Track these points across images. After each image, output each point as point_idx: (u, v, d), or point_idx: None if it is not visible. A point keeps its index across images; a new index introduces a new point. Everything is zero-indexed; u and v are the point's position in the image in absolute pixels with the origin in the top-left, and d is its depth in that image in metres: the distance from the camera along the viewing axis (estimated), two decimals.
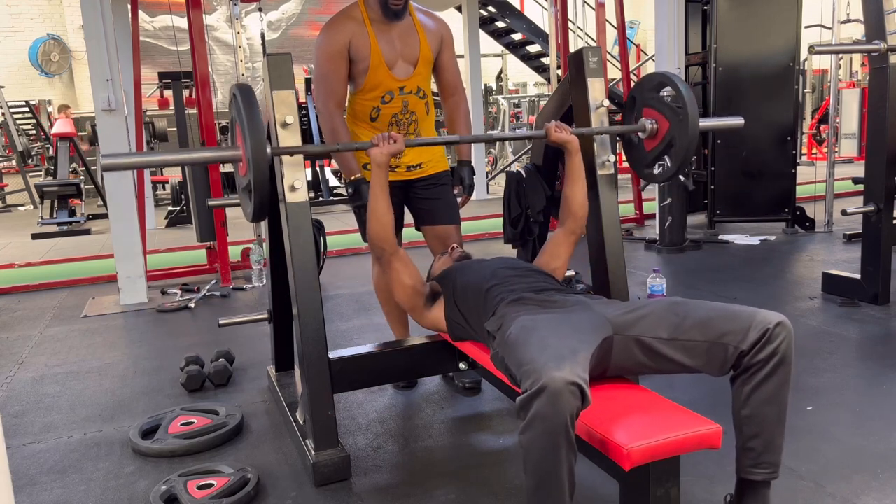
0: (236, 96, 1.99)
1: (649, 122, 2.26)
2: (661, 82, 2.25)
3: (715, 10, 5.24)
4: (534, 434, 1.34)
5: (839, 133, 7.39)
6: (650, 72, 2.33)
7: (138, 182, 4.63)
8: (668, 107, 2.21)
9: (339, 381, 2.21)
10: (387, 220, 2.12)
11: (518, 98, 11.32)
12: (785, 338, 1.50)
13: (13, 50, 12.86)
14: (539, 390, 1.32)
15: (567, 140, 2.18)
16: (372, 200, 2.11)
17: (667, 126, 2.21)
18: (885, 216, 3.39)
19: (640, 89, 2.33)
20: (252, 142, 1.90)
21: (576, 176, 2.21)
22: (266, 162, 1.92)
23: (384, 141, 2.07)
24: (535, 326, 1.59)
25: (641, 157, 2.34)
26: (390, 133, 2.09)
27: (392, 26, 2.43)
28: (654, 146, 2.27)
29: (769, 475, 1.59)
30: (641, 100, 2.31)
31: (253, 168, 1.92)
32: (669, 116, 2.20)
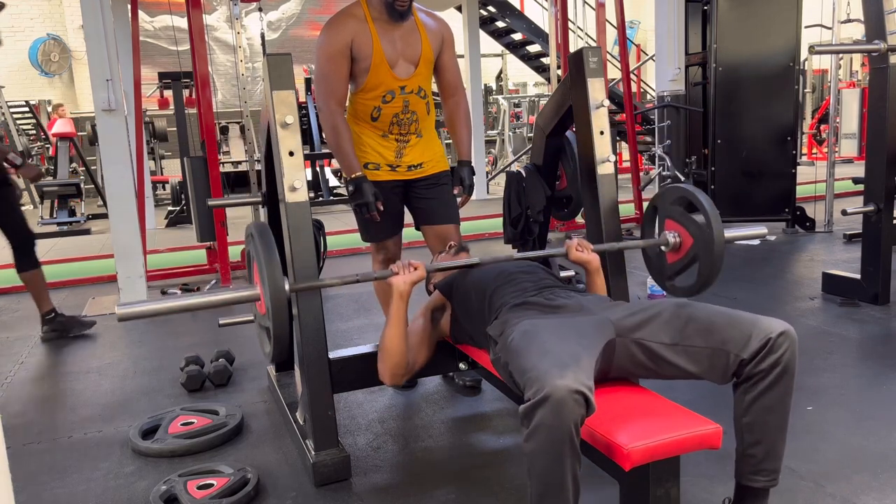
0: (253, 236, 1.91)
1: (672, 235, 2.18)
2: (683, 196, 2.16)
3: (715, 10, 5.24)
4: (538, 443, 1.33)
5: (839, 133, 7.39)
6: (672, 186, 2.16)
7: (138, 182, 4.62)
8: (691, 222, 2.12)
9: (339, 381, 2.21)
10: (403, 349, 2.01)
11: (518, 98, 11.32)
12: (788, 347, 1.49)
13: (13, 50, 12.85)
14: (542, 399, 1.31)
15: (587, 260, 2.09)
16: (388, 329, 2.00)
17: (690, 242, 2.12)
18: (885, 216, 3.39)
19: (661, 201, 2.23)
20: (271, 284, 1.81)
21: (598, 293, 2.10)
22: (285, 307, 1.84)
23: (405, 269, 1.96)
24: (536, 332, 1.58)
25: (663, 270, 2.25)
26: (410, 261, 2.01)
27: (394, 26, 2.42)
28: (677, 260, 2.19)
29: (769, 482, 1.58)
30: (664, 212, 2.23)
31: (273, 313, 1.83)
32: (693, 232, 2.11)
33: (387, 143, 2.54)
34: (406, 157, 2.57)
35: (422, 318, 2.18)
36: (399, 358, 2.01)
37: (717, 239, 2.03)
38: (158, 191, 9.80)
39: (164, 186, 9.93)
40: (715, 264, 2.05)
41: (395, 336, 1.99)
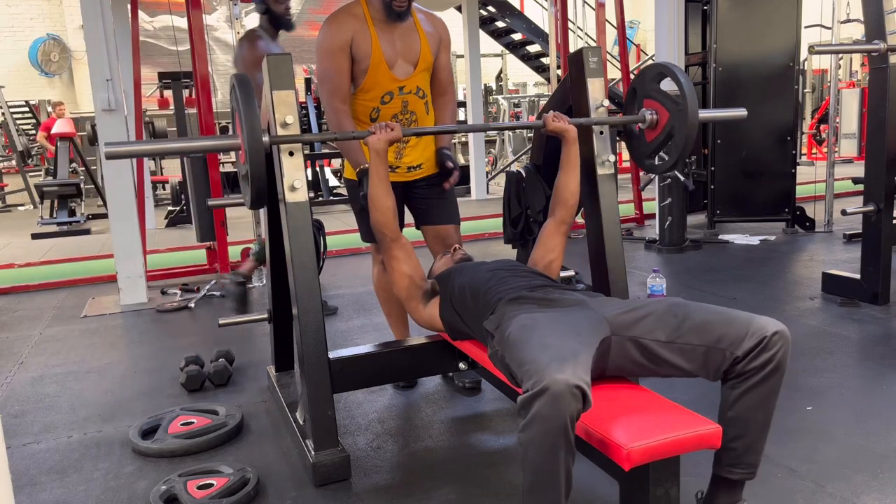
0: (235, 87, 2.02)
1: (649, 112, 2.28)
2: (661, 73, 2.26)
3: (715, 10, 5.24)
4: (533, 434, 1.34)
5: (839, 133, 7.39)
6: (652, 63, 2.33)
7: (138, 182, 4.62)
8: (668, 98, 2.22)
9: (339, 381, 2.21)
10: (387, 204, 2.15)
11: (518, 98, 11.32)
12: (781, 347, 1.50)
13: (13, 50, 12.85)
14: (541, 391, 1.32)
15: (565, 129, 2.20)
16: (371, 187, 2.14)
17: (667, 116, 2.22)
18: (885, 216, 3.39)
19: (640, 80, 2.34)
20: (248, 130, 1.93)
21: (571, 165, 2.23)
22: (262, 150, 1.96)
23: (382, 129, 2.10)
24: (534, 325, 1.59)
25: (642, 148, 2.36)
26: (388, 122, 2.12)
27: (393, 26, 2.42)
28: (655, 137, 2.29)
29: (746, 475, 1.60)
30: (642, 91, 2.32)
31: (250, 156, 1.95)
32: (669, 107, 2.21)
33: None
34: (406, 157, 2.57)
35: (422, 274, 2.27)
36: (384, 213, 2.15)
37: (692, 111, 2.13)
38: (158, 191, 9.81)
39: (164, 186, 9.93)
40: (689, 136, 2.15)
41: (378, 189, 2.13)
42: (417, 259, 2.25)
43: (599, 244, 2.32)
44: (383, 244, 2.21)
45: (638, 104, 2.34)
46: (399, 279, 2.22)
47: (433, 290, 2.23)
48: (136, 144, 2.01)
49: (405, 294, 2.24)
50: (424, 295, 2.23)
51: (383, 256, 2.24)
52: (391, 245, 2.20)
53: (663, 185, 4.99)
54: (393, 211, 2.17)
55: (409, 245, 2.23)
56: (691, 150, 2.22)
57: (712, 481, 1.64)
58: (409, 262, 2.22)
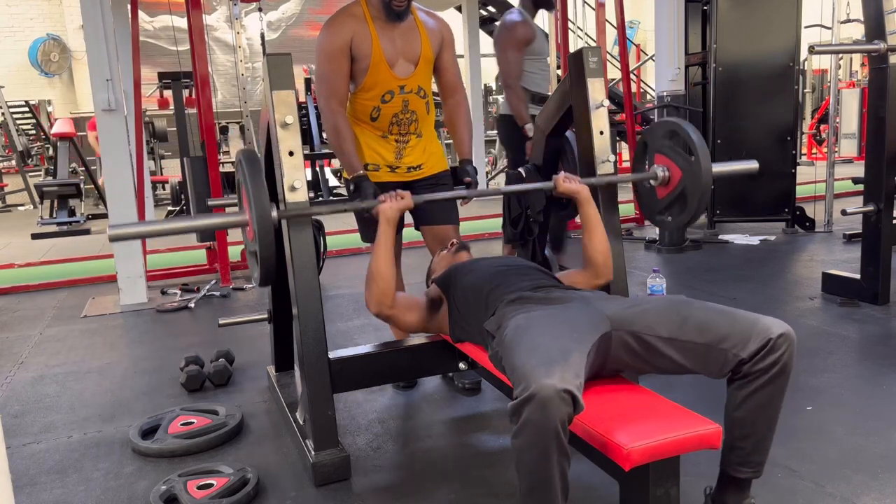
0: (242, 162, 1.96)
1: (661, 169, 2.21)
2: (672, 130, 2.19)
3: (715, 10, 5.24)
4: (525, 440, 1.34)
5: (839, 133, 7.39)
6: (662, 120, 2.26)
7: (138, 182, 4.63)
8: (680, 155, 2.15)
9: (339, 381, 2.21)
10: (388, 275, 2.06)
11: None
12: (787, 349, 1.49)
13: (13, 50, 12.85)
14: (528, 397, 1.31)
15: (576, 190, 2.12)
16: (375, 256, 2.05)
17: (679, 175, 2.15)
18: (885, 216, 3.39)
19: (651, 135, 2.27)
20: (257, 207, 1.87)
21: (592, 224, 2.12)
22: (271, 230, 1.90)
23: (392, 198, 2.05)
24: (528, 326, 1.58)
25: (653, 205, 2.28)
26: (398, 191, 2.08)
27: (394, 25, 2.42)
28: (667, 194, 2.22)
29: (753, 474, 1.60)
30: (653, 145, 2.26)
31: (259, 236, 1.88)
32: (682, 165, 2.14)
33: (386, 144, 2.54)
34: (406, 157, 2.57)
35: (423, 296, 2.22)
36: (385, 284, 2.06)
37: (705, 171, 2.08)
38: (158, 191, 9.80)
39: (163, 186, 9.93)
40: (703, 196, 2.10)
41: (382, 260, 2.05)
42: (414, 298, 2.20)
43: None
44: (381, 314, 2.13)
45: (649, 158, 2.28)
46: (409, 327, 2.19)
47: (435, 298, 2.21)
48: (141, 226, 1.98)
49: (419, 329, 2.22)
50: (430, 313, 2.20)
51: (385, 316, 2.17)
52: (390, 312, 2.13)
53: None
54: (393, 281, 2.09)
55: (404, 298, 2.17)
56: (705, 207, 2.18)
57: (720, 480, 1.64)
58: (410, 309, 2.17)
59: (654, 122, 2.26)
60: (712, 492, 1.67)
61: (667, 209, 2.25)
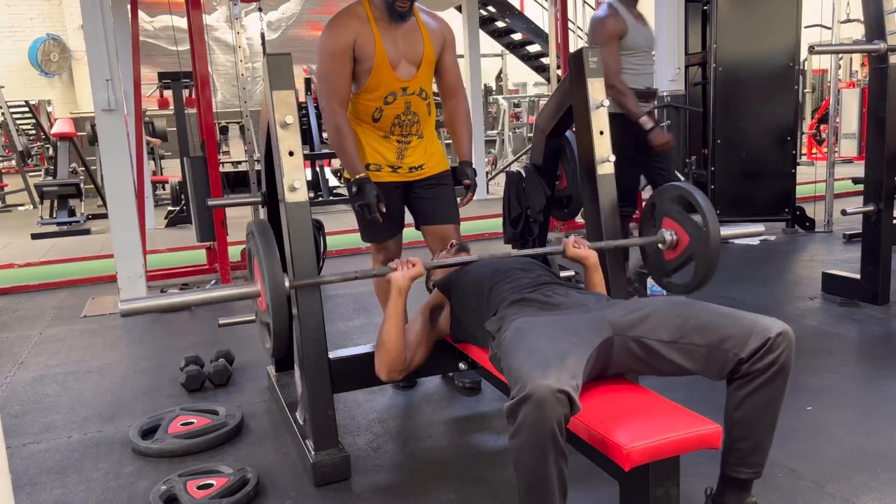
0: (254, 234, 1.95)
1: (669, 233, 2.22)
2: (681, 195, 2.20)
3: (715, 10, 5.24)
4: (521, 440, 1.35)
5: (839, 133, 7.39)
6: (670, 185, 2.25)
7: (138, 182, 4.62)
8: (688, 220, 2.16)
9: (339, 381, 2.21)
10: (399, 346, 2.03)
11: (518, 98, 11.32)
12: (786, 348, 1.50)
13: (13, 50, 12.85)
14: (524, 398, 1.32)
15: (584, 256, 2.12)
16: (385, 326, 2.03)
17: (687, 240, 2.16)
18: (885, 216, 3.39)
19: (660, 199, 2.27)
20: (270, 279, 1.86)
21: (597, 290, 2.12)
22: (285, 303, 1.89)
23: (404, 265, 2.02)
24: (527, 330, 1.59)
25: (661, 267, 2.29)
26: (409, 259, 2.05)
27: (396, 26, 2.41)
28: (675, 258, 2.23)
29: (753, 475, 1.60)
30: (661, 209, 2.26)
31: (273, 310, 1.87)
32: (690, 231, 2.15)
33: (388, 145, 2.54)
34: (407, 158, 2.57)
35: (421, 317, 2.18)
36: (396, 354, 2.02)
37: (713, 238, 2.07)
38: (158, 191, 9.80)
39: (164, 186, 9.92)
40: (711, 263, 2.10)
41: (392, 331, 2.01)
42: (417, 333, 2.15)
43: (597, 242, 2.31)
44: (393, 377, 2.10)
45: (657, 221, 2.28)
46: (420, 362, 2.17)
47: (439, 302, 2.20)
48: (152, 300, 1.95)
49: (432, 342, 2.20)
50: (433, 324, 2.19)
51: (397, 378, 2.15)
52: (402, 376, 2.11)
53: None
54: (403, 349, 2.06)
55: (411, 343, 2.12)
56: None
57: (720, 480, 1.65)
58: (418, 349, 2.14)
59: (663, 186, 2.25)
60: (713, 493, 1.67)
61: (674, 271, 2.25)
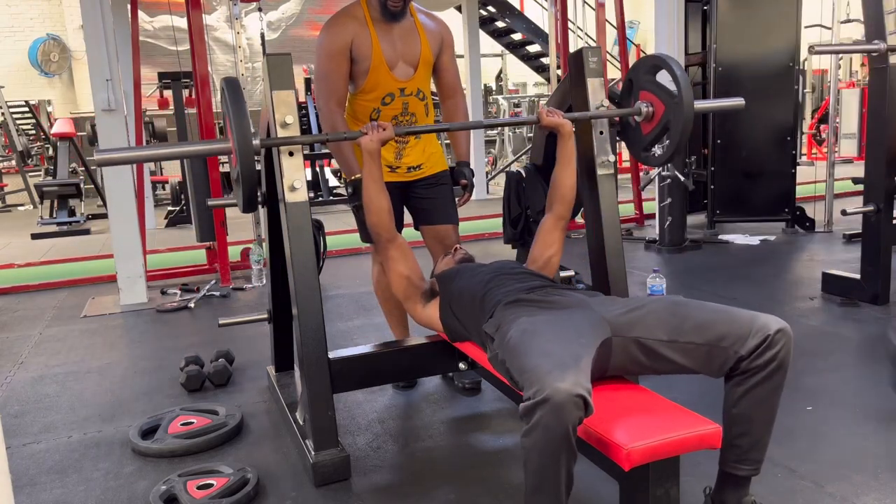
0: (224, 90, 2.01)
1: (645, 105, 2.27)
2: (655, 65, 2.26)
3: (715, 10, 5.24)
4: (535, 440, 1.35)
5: (839, 133, 7.38)
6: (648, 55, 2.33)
7: (138, 182, 4.63)
8: (663, 90, 2.21)
9: (339, 381, 2.21)
10: (381, 205, 2.14)
11: (518, 98, 11.31)
12: (784, 345, 1.51)
13: (13, 50, 12.84)
14: (542, 401, 1.33)
15: (559, 123, 2.19)
16: (365, 189, 2.13)
17: (662, 109, 2.21)
18: (884, 216, 3.39)
19: (636, 72, 2.33)
20: (238, 134, 1.93)
21: (567, 159, 2.22)
22: (252, 153, 1.95)
23: (374, 129, 2.08)
24: (535, 330, 1.59)
25: (638, 140, 2.36)
26: (380, 122, 2.11)
27: (393, 27, 2.42)
28: (651, 129, 2.28)
29: (752, 471, 1.61)
30: (638, 83, 2.31)
31: (240, 159, 1.95)
32: (665, 99, 2.20)
33: (386, 145, 2.53)
34: (405, 158, 2.57)
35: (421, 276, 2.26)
36: (378, 214, 2.13)
37: (687, 103, 2.12)
38: (158, 191, 9.80)
39: (163, 186, 9.92)
40: (685, 128, 2.14)
41: (371, 191, 2.12)
42: (415, 259, 2.25)
43: (599, 244, 2.32)
44: (379, 245, 2.20)
45: (634, 96, 2.34)
46: (396, 279, 2.22)
47: (433, 290, 2.23)
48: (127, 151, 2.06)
49: (403, 294, 2.24)
50: (423, 295, 2.22)
51: (380, 257, 2.24)
52: (387, 245, 2.19)
53: (663, 186, 4.99)
54: (388, 212, 2.16)
55: (405, 245, 2.23)
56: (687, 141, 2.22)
57: (719, 478, 1.65)
58: (406, 262, 2.21)
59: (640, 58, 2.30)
60: (712, 491, 1.67)
61: (651, 144, 2.31)
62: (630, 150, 2.43)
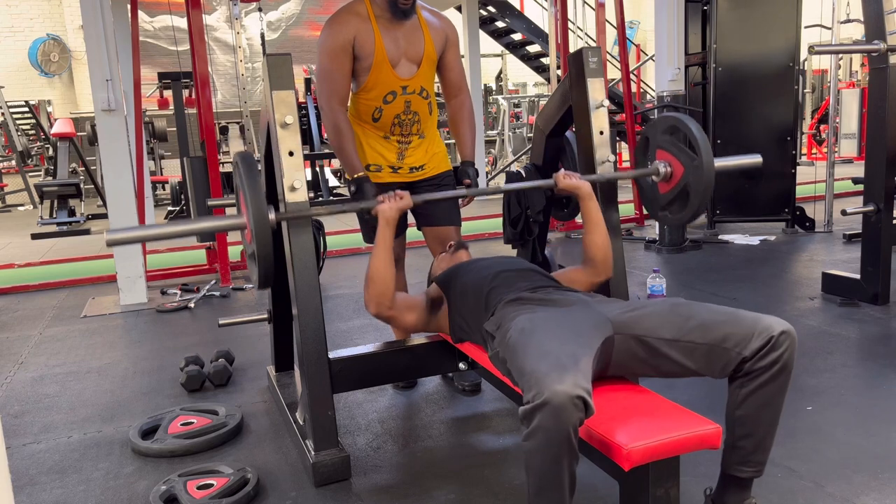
0: (238, 165, 1.95)
1: (663, 165, 2.19)
2: (673, 125, 2.17)
3: (715, 10, 5.24)
4: (536, 443, 1.34)
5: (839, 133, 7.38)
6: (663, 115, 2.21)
7: (138, 182, 4.63)
8: (682, 150, 2.13)
9: (339, 381, 2.21)
10: (387, 276, 2.04)
11: (518, 98, 11.32)
12: (788, 346, 1.50)
13: (13, 50, 12.86)
14: (542, 404, 1.32)
15: (576, 186, 2.10)
16: (373, 258, 2.04)
17: (681, 170, 2.13)
18: (884, 216, 3.39)
19: (652, 131, 2.25)
20: (253, 210, 1.86)
21: (593, 222, 2.10)
22: (269, 232, 1.88)
23: (391, 198, 2.04)
24: (534, 329, 1.58)
25: (655, 200, 2.27)
26: (397, 191, 2.07)
27: (397, 24, 2.40)
28: (669, 189, 2.20)
29: (754, 473, 1.60)
30: (654, 141, 2.24)
31: (256, 237, 1.87)
32: (684, 161, 2.12)
33: (388, 145, 2.53)
34: (408, 158, 2.56)
35: (423, 295, 2.21)
36: (384, 286, 2.05)
37: (707, 167, 2.06)
38: (158, 191, 9.80)
39: (163, 186, 9.92)
40: (705, 192, 2.08)
41: (380, 262, 2.04)
42: (413, 298, 2.19)
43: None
44: (381, 311, 2.11)
45: (651, 154, 2.26)
46: (409, 327, 2.18)
47: (435, 298, 2.20)
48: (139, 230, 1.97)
49: (418, 329, 2.21)
50: (430, 313, 2.19)
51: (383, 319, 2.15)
52: (389, 313, 2.11)
53: None
54: (392, 282, 2.07)
55: (403, 300, 2.15)
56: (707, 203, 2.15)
57: (721, 479, 1.64)
58: (410, 309, 2.15)
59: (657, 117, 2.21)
60: (712, 493, 1.66)
61: (669, 205, 2.23)
62: (646, 208, 2.35)
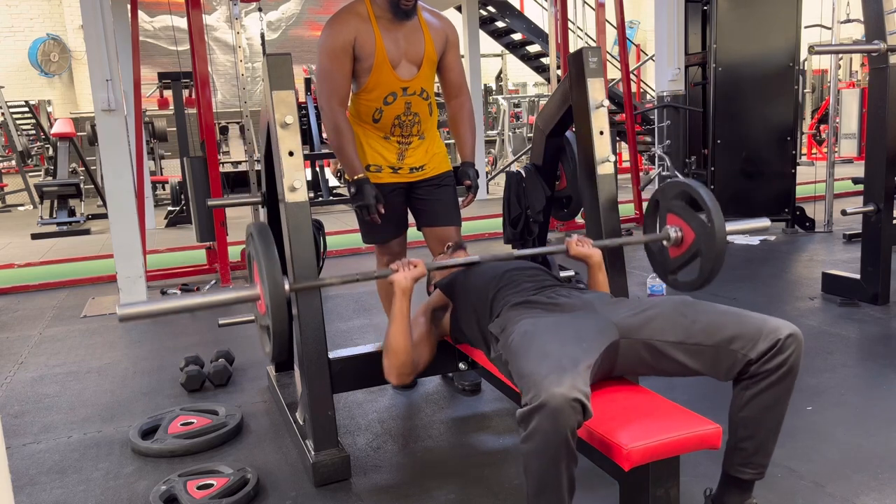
0: (253, 236, 1.91)
1: (674, 230, 2.18)
2: (684, 191, 2.16)
3: (715, 10, 5.24)
4: (534, 446, 1.34)
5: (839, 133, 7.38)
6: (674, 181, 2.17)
7: (138, 182, 4.62)
8: (693, 216, 2.12)
9: (339, 381, 2.21)
10: (407, 348, 2.00)
11: (518, 98, 11.32)
12: (795, 349, 1.50)
13: (13, 50, 12.86)
14: (539, 406, 1.32)
15: (587, 254, 2.10)
16: (391, 329, 1.99)
17: (693, 236, 2.13)
18: (884, 216, 3.39)
19: (663, 195, 2.24)
20: (269, 282, 1.81)
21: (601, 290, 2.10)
22: (284, 304, 1.84)
23: (405, 267, 1.99)
24: (536, 332, 1.58)
25: (665, 264, 2.26)
26: (411, 259, 2.03)
27: (398, 25, 2.40)
28: (679, 254, 2.20)
29: (756, 475, 1.60)
30: (665, 206, 2.23)
31: (271, 309, 1.83)
32: (695, 227, 2.11)
33: (388, 146, 2.53)
34: (408, 159, 2.56)
35: (423, 317, 2.18)
36: (405, 356, 2.00)
37: (719, 234, 2.04)
38: (158, 191, 9.80)
39: (163, 186, 9.92)
40: (717, 259, 2.07)
41: (399, 333, 1.98)
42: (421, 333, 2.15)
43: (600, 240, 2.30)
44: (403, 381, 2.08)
45: (661, 218, 2.25)
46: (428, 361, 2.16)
47: (442, 303, 2.19)
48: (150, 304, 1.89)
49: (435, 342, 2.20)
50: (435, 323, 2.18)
51: None
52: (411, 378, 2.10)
53: None
54: (410, 351, 2.02)
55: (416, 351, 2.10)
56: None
57: (722, 480, 1.64)
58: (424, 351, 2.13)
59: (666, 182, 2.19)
60: (713, 493, 1.66)
61: (679, 269, 2.22)
62: (655, 272, 2.34)
